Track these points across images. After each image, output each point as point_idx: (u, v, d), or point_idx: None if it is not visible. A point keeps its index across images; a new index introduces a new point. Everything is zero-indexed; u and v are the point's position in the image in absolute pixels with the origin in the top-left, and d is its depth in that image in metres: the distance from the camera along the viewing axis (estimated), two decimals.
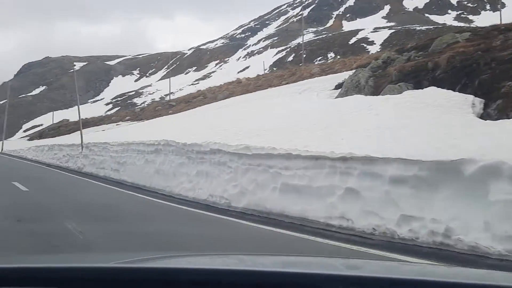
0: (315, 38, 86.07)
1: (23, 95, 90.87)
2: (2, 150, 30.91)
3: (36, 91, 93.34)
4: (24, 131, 72.43)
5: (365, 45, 69.64)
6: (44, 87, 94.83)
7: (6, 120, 33.59)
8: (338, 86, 11.99)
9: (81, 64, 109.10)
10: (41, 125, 72.62)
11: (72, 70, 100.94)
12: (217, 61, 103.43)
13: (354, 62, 21.23)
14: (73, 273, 1.29)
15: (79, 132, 29.61)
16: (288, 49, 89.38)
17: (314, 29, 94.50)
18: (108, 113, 77.28)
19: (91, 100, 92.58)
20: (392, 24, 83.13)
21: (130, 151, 10.56)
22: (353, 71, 12.31)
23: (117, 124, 28.17)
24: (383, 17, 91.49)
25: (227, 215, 6.17)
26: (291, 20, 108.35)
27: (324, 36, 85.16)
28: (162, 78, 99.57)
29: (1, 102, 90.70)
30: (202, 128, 10.92)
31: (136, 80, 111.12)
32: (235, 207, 6.57)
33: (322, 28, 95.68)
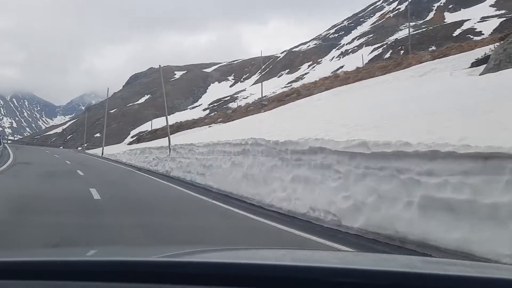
0: (415, 32, 79.65)
1: (131, 104, 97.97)
2: (102, 154, 32.45)
3: (142, 99, 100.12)
4: (132, 137, 77.70)
5: (471, 36, 62.21)
6: (148, 95, 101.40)
7: (105, 127, 36.40)
8: (477, 63, 9.38)
9: (181, 72, 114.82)
10: (146, 131, 77.31)
11: (173, 79, 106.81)
12: (310, 63, 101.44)
13: (475, 45, 17.80)
14: (118, 267, 1.30)
15: (172, 135, 30.05)
16: (385, 46, 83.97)
17: (413, 23, 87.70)
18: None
19: (190, 106, 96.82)
20: (503, 12, 73.51)
21: (216, 153, 9.19)
22: (500, 42, 9.46)
23: (209, 126, 27.78)
24: (491, 5, 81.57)
25: (338, 241, 4.27)
26: (387, 16, 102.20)
27: (424, 29, 78.40)
28: (255, 83, 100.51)
29: (112, 111, 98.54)
30: (299, 123, 9.15)
31: (231, 86, 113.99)
32: (347, 227, 4.68)
33: (422, 21, 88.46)
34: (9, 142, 62.07)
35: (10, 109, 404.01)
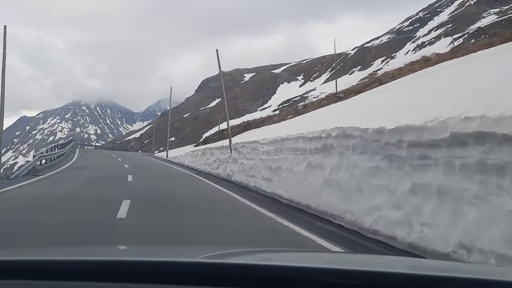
0: (500, 19, 71.31)
1: (203, 108, 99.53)
2: (167, 157, 31.96)
3: (213, 103, 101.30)
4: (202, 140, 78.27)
5: None
6: (219, 99, 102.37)
7: (169, 131, 36.80)
8: None
9: (250, 75, 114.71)
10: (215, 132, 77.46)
11: (242, 82, 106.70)
12: (383, 58, 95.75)
13: None
14: (160, 268, 1.33)
15: (239, 135, 28.02)
16: (466, 36, 76.35)
17: (497, 10, 78.63)
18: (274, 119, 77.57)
19: (260, 108, 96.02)
20: None
21: (285, 151, 6.85)
22: None
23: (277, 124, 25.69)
24: None
25: None
26: (467, 3, 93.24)
27: (511, 15, 69.82)
28: (326, 81, 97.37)
29: (186, 115, 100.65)
30: (400, 106, 6.49)
31: (300, 86, 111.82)
32: None
33: (507, 7, 79.03)
34: (90, 148, 65.47)
35: (94, 117, 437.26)
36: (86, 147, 62.58)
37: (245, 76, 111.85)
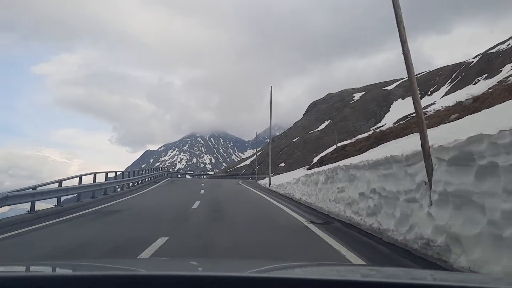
0: None
1: (311, 131, 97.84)
2: (269, 185, 25.99)
3: (322, 126, 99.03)
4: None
5: None
6: (328, 121, 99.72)
7: (270, 153, 34.55)
8: None
9: (360, 94, 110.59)
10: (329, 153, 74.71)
11: (352, 102, 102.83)
12: None
13: None
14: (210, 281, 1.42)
15: (372, 149, 23.67)
16: None
17: None
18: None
19: (373, 127, 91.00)
20: None
21: None
22: None
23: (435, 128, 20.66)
24: None
25: None
26: None
27: None
28: (446, 94, 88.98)
29: (294, 140, 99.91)
30: None
31: None
32: None
33: None
34: (204, 177, 67.63)
35: (209, 147, 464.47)
36: (183, 175, 65.89)
37: (354, 96, 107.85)
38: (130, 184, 25.70)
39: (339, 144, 38.11)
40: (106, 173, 22.00)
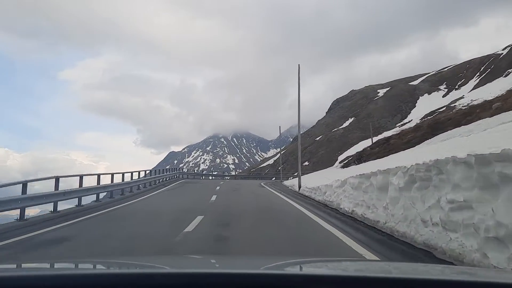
0: None
1: (335, 129, 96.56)
2: (299, 188, 21.59)
3: (346, 123, 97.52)
4: (339, 162, 74.70)
5: None
6: (352, 118, 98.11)
7: (299, 147, 24.22)
8: None
9: (384, 90, 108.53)
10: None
11: (376, 98, 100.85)
12: None
13: None
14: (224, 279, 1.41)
15: (428, 141, 19.64)
16: None
17: None
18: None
19: (399, 124, 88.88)
20: None
21: None
22: None
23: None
24: None
25: None
26: None
27: None
28: (475, 87, 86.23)
29: (318, 138, 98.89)
30: None
31: (444, 95, 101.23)
32: None
33: None
34: (226, 178, 65.88)
35: (232, 148, 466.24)
36: (202, 177, 62.90)
37: (378, 92, 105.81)
38: (133, 189, 22.51)
39: (378, 137, 34.69)
40: (112, 174, 19.68)
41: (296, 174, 58.98)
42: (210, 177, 66.15)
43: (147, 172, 28.87)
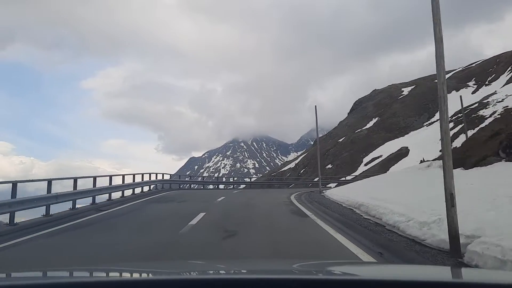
0: None
1: (359, 130, 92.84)
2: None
3: (370, 123, 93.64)
4: (365, 164, 70.99)
5: None
6: (376, 118, 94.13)
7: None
8: None
9: (409, 88, 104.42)
10: (380, 156, 69.30)
11: (400, 97, 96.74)
12: None
13: None
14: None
15: None
16: None
17: None
18: (450, 133, 66.08)
19: (426, 123, 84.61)
20: None
21: None
22: None
23: None
24: None
25: None
26: None
27: None
28: (508, 82, 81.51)
29: (341, 140, 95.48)
30: None
31: (473, 92, 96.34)
32: None
33: None
34: (240, 186, 49.24)
35: (252, 152, 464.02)
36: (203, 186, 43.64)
37: (403, 91, 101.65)
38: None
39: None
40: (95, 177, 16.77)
41: (342, 178, 50.66)
42: (214, 186, 48.05)
43: (149, 175, 25.75)
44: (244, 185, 55.09)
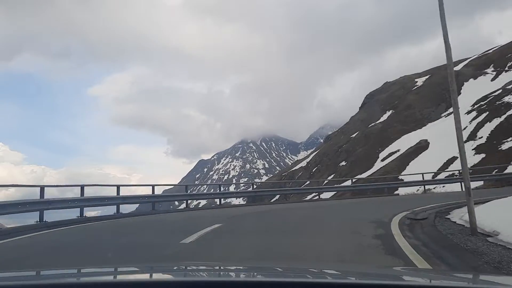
0: None
1: (372, 124, 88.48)
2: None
3: (384, 117, 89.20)
4: (382, 160, 66.61)
5: None
6: (390, 111, 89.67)
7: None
8: None
9: (423, 79, 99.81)
10: (398, 150, 64.92)
11: (415, 88, 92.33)
12: None
13: None
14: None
15: None
16: None
17: None
18: (473, 122, 61.70)
19: (444, 113, 79.99)
20: None
21: None
22: None
23: None
24: None
25: None
26: None
27: None
28: None
29: (354, 135, 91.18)
30: None
31: (493, 79, 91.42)
32: None
33: None
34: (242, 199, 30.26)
35: (261, 152, 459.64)
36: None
37: (416, 81, 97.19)
38: None
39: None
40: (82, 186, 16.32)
41: (344, 183, 45.29)
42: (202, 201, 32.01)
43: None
44: (244, 197, 38.15)
